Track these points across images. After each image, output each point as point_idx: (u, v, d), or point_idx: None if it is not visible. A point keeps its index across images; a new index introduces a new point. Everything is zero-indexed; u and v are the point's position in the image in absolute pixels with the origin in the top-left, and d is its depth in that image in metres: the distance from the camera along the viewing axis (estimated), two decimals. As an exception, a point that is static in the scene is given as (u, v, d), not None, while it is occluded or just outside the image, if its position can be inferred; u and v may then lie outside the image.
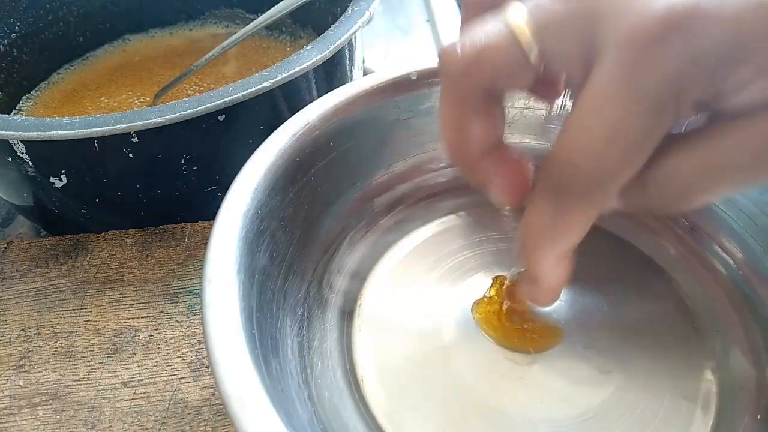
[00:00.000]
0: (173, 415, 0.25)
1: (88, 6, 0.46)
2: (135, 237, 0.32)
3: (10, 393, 0.26)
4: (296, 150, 0.24)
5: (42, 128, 0.27)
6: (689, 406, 0.21)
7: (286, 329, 0.23)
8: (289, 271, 0.24)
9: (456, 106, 0.18)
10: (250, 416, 0.16)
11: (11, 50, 0.42)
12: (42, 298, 0.30)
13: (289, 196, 0.24)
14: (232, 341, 0.17)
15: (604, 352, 0.23)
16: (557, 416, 0.21)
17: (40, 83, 0.45)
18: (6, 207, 0.39)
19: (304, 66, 0.30)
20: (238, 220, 0.21)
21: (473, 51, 0.17)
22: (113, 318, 0.29)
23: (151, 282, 0.30)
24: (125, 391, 0.26)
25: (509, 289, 0.24)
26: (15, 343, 0.28)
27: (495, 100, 0.19)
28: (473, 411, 0.21)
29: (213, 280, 0.19)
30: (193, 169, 0.31)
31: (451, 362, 0.23)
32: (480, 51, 0.17)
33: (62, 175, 0.30)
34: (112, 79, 0.45)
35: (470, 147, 0.19)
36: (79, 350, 0.27)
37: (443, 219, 0.29)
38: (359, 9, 0.34)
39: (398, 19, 0.55)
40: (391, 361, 0.23)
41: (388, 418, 0.21)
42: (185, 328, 0.28)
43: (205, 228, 0.33)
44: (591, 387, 0.22)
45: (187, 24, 0.51)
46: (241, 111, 0.30)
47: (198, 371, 0.26)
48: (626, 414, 0.21)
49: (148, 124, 0.27)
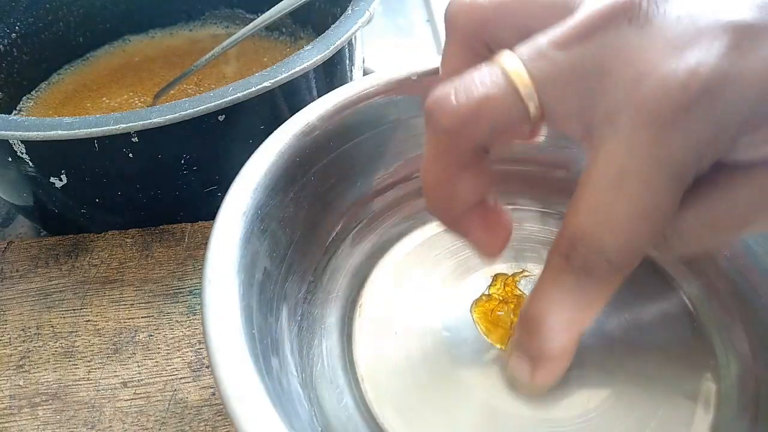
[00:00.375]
0: (173, 415, 0.25)
1: (88, 6, 0.46)
2: (135, 237, 0.32)
3: (10, 393, 0.26)
4: (296, 150, 0.24)
5: (42, 128, 0.27)
6: (689, 406, 0.21)
7: (286, 329, 0.23)
8: (289, 271, 0.24)
9: (445, 161, 0.17)
10: (250, 416, 0.16)
11: (11, 50, 0.42)
12: (42, 298, 0.30)
13: (289, 196, 0.24)
14: (232, 341, 0.17)
15: (604, 353, 0.23)
16: (557, 416, 0.21)
17: (41, 83, 0.45)
18: (6, 207, 0.39)
19: (304, 66, 0.30)
20: (238, 220, 0.21)
21: (470, 105, 0.16)
22: (113, 318, 0.29)
23: (151, 282, 0.30)
24: (125, 391, 0.26)
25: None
26: (15, 343, 0.28)
27: (485, 153, 0.17)
28: (473, 411, 0.21)
29: (213, 280, 0.19)
30: (193, 169, 0.31)
31: (452, 362, 0.23)
32: (478, 104, 0.16)
33: (62, 175, 0.30)
34: (113, 80, 0.45)
35: (457, 205, 0.18)
36: (79, 350, 0.27)
37: (443, 219, 0.29)
38: (359, 9, 0.34)
39: (398, 19, 0.55)
40: (391, 361, 0.23)
41: (388, 418, 0.21)
42: (185, 328, 0.28)
43: (205, 228, 0.33)
44: (591, 387, 0.22)
45: (188, 24, 0.51)
46: (241, 111, 0.30)
47: (198, 371, 0.26)
48: (626, 414, 0.21)
49: (148, 124, 0.27)
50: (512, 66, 0.15)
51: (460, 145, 0.17)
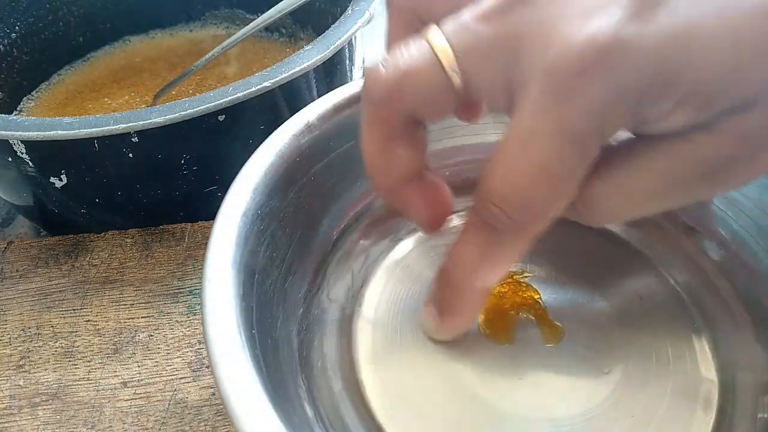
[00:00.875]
0: (173, 415, 0.25)
1: (88, 6, 0.47)
2: (135, 237, 0.32)
3: (10, 393, 0.26)
4: (296, 150, 0.24)
5: (42, 128, 0.27)
6: (689, 406, 0.21)
7: (286, 329, 0.23)
8: (289, 271, 0.24)
9: (378, 131, 0.18)
10: (250, 416, 0.16)
11: (11, 50, 0.43)
12: (42, 298, 0.30)
13: (289, 196, 0.24)
14: (232, 341, 0.17)
15: (603, 352, 0.23)
16: (557, 416, 0.21)
17: (41, 84, 0.45)
18: (6, 207, 0.39)
19: (304, 66, 0.30)
20: (238, 220, 0.21)
21: (395, 76, 0.17)
22: (113, 318, 0.29)
23: (151, 282, 0.30)
24: (125, 391, 0.26)
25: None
26: (15, 343, 0.28)
27: (417, 126, 0.18)
28: (473, 411, 0.21)
29: (213, 280, 0.19)
30: (193, 169, 0.31)
31: (451, 362, 0.23)
32: (402, 76, 0.16)
33: (62, 175, 0.30)
34: (114, 81, 0.45)
35: (392, 174, 0.18)
36: (79, 350, 0.27)
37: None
38: (359, 9, 0.34)
39: (398, 20, 0.55)
40: (391, 360, 0.23)
41: (388, 418, 0.21)
42: (185, 328, 0.28)
43: (205, 228, 0.33)
44: (591, 386, 0.22)
45: (188, 25, 0.51)
46: (241, 111, 0.30)
47: (198, 371, 0.26)
48: (626, 414, 0.21)
49: (148, 124, 0.27)
50: (436, 39, 0.16)
51: (390, 116, 0.17)
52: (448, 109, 0.18)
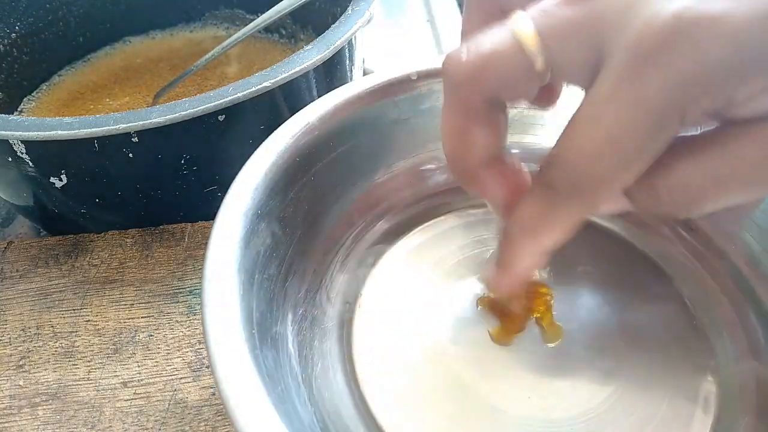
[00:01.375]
0: (173, 415, 0.25)
1: (88, 6, 0.46)
2: (135, 237, 0.32)
3: (10, 393, 0.26)
4: (296, 150, 0.24)
5: (42, 128, 0.27)
6: (689, 406, 0.21)
7: (286, 329, 0.23)
8: (289, 271, 0.24)
9: (458, 114, 0.18)
10: (250, 416, 0.16)
11: (11, 50, 0.42)
12: (42, 298, 0.30)
13: (289, 196, 0.24)
14: (232, 341, 0.17)
15: (604, 353, 0.23)
16: (557, 416, 0.21)
17: (41, 84, 0.45)
18: (6, 207, 0.39)
19: (304, 66, 0.30)
20: (238, 220, 0.21)
21: (478, 58, 0.17)
22: (113, 318, 0.29)
23: (151, 282, 0.30)
24: (125, 391, 0.26)
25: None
26: (15, 343, 0.28)
27: (498, 109, 0.18)
28: (473, 411, 0.21)
29: (213, 280, 0.19)
30: (193, 169, 0.31)
31: (451, 362, 0.23)
32: (485, 59, 0.17)
33: (62, 175, 0.30)
34: (115, 81, 0.45)
35: (471, 157, 0.19)
36: (79, 350, 0.27)
37: (444, 218, 0.29)
38: (359, 9, 0.34)
39: (398, 19, 0.55)
40: (391, 360, 0.23)
41: (387, 418, 0.21)
42: (185, 328, 0.28)
43: (205, 228, 0.33)
44: (591, 387, 0.22)
45: (188, 25, 0.51)
46: (241, 111, 0.30)
47: (198, 371, 0.26)
48: (626, 414, 0.21)
49: (148, 124, 0.27)
50: (520, 24, 0.16)
51: (470, 98, 0.18)
52: (530, 92, 0.18)
